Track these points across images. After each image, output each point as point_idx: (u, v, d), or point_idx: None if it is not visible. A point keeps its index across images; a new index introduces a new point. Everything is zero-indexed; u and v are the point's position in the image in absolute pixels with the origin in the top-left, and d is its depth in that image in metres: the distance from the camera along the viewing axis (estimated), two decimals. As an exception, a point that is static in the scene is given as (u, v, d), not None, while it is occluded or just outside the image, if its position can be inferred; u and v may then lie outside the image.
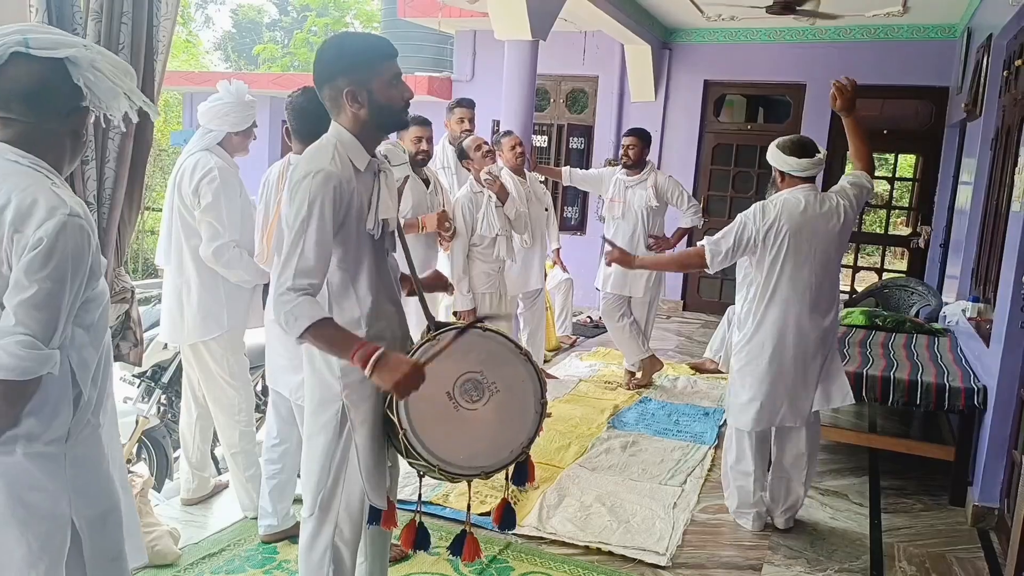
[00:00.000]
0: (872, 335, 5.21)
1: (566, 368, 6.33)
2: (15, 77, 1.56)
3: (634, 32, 7.94)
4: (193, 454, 3.59)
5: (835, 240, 3.51)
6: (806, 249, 3.44)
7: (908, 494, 4.17)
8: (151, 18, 2.47)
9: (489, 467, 2.13)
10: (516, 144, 5.06)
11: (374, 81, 2.06)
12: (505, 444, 2.13)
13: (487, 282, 4.47)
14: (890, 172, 10.45)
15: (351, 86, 2.04)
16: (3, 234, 1.52)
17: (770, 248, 3.45)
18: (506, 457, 2.14)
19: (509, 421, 2.13)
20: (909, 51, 8.07)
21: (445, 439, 2.05)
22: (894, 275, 8.43)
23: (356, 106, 2.06)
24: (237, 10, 30.10)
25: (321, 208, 1.96)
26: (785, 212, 3.45)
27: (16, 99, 1.57)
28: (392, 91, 2.09)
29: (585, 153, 9.45)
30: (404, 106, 2.13)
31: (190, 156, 3.26)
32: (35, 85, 1.58)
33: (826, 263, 3.49)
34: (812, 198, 3.49)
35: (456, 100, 5.29)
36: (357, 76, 2.05)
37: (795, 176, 3.52)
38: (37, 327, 1.51)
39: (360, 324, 2.09)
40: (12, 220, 1.52)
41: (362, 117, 2.08)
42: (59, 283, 1.52)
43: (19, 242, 1.52)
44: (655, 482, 4.12)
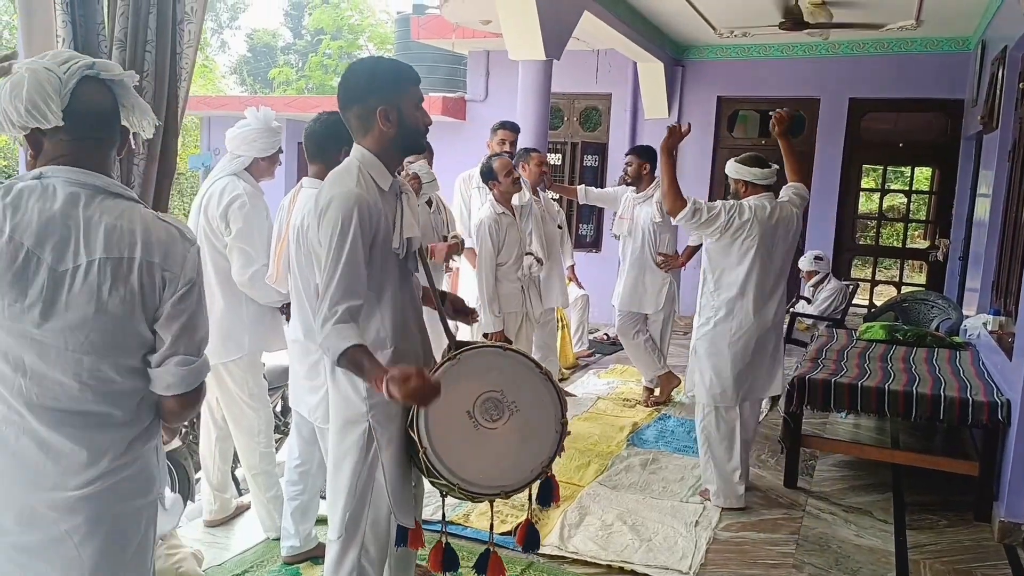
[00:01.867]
0: (893, 350, 5.17)
1: (584, 386, 6.32)
2: (90, 99, 1.60)
3: (646, 50, 7.98)
4: (214, 475, 3.61)
5: (791, 242, 4.07)
6: (770, 248, 3.94)
7: (933, 510, 4.12)
8: (174, 45, 2.52)
9: (510, 486, 2.13)
10: (543, 161, 5.19)
11: (405, 102, 2.12)
12: (526, 463, 2.13)
13: (513, 302, 4.51)
14: (907, 185, 10.41)
15: (384, 105, 2.09)
16: (154, 276, 1.59)
17: (740, 244, 3.90)
18: (527, 476, 2.14)
19: (529, 440, 2.13)
20: (923, 64, 8.07)
21: (465, 458, 2.06)
22: (913, 289, 8.39)
23: (387, 125, 2.10)
24: (252, 34, 30.46)
25: (354, 230, 2.00)
26: (757, 214, 3.90)
27: (95, 120, 1.62)
28: (419, 114, 2.16)
29: (599, 171, 9.48)
30: (425, 130, 2.19)
31: (217, 181, 3.29)
32: (109, 105, 1.63)
33: (783, 262, 4.03)
34: (774, 205, 4.00)
35: (500, 122, 5.30)
36: (390, 96, 2.10)
37: (757, 185, 4.02)
38: (192, 346, 1.67)
39: (386, 343, 2.11)
40: (160, 263, 1.60)
41: (389, 136, 2.11)
42: (201, 304, 1.69)
43: (172, 281, 1.62)
44: (676, 500, 4.09)
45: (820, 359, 4.78)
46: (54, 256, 1.54)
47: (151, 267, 1.60)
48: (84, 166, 1.59)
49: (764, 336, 3.97)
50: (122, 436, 1.64)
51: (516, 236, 4.43)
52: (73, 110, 1.57)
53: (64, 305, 1.55)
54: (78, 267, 1.55)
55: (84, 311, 1.55)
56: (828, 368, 4.54)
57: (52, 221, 1.54)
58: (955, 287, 7.51)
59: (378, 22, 22.93)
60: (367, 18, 22.55)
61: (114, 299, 1.57)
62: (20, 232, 1.52)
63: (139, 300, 1.60)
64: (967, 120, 7.60)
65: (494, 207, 4.40)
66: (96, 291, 1.56)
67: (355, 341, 1.97)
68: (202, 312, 1.69)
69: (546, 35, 5.63)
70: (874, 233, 9.73)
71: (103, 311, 1.57)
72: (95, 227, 1.56)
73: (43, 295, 1.53)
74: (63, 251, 1.55)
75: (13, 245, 1.51)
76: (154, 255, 1.60)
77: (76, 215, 1.56)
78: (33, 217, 1.53)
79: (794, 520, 3.92)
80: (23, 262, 1.52)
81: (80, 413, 1.58)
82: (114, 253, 1.57)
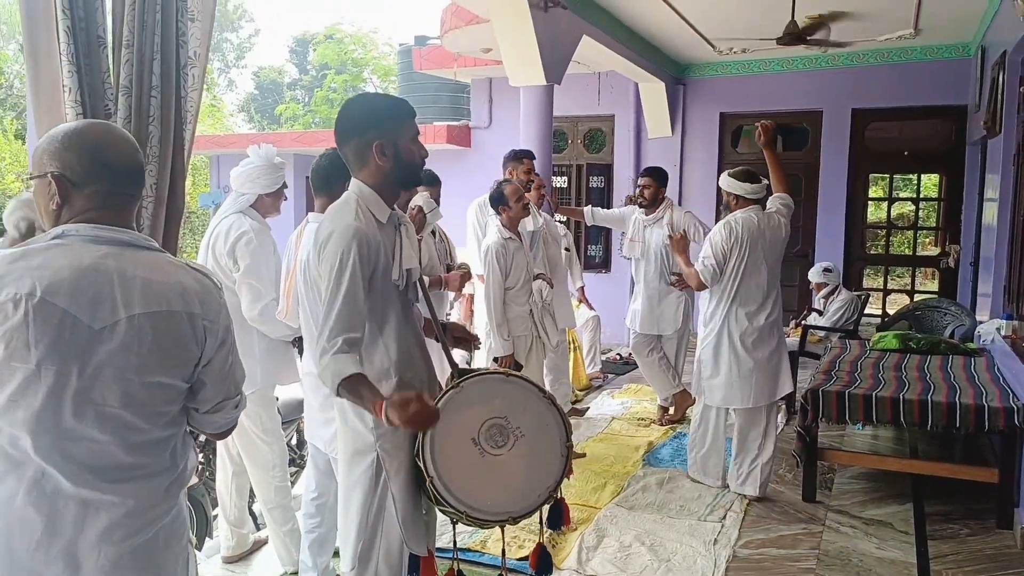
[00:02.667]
0: (907, 359, 5.15)
1: (598, 407, 6.31)
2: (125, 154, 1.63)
3: (647, 70, 8.05)
4: (231, 511, 3.62)
5: (780, 249, 4.38)
6: (760, 258, 4.24)
7: (954, 519, 4.09)
8: (179, 89, 2.57)
9: (517, 512, 2.13)
10: (541, 184, 5.27)
11: (400, 136, 2.15)
12: (532, 489, 2.14)
13: (522, 325, 4.52)
14: (914, 193, 10.39)
15: (380, 139, 2.13)
16: (196, 327, 1.62)
17: (733, 258, 4.23)
18: (534, 502, 2.15)
19: (535, 466, 2.14)
20: (924, 72, 8.09)
21: (472, 485, 2.07)
22: (926, 296, 8.35)
23: (383, 159, 2.13)
24: (259, 72, 30.87)
25: (353, 263, 2.02)
26: (745, 228, 4.23)
27: (129, 177, 1.64)
28: (415, 147, 2.19)
29: (605, 192, 9.52)
30: (421, 163, 2.22)
31: (224, 219, 3.35)
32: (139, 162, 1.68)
33: (773, 269, 4.32)
34: (763, 216, 4.31)
35: (523, 151, 5.28)
36: (386, 131, 2.13)
37: (747, 199, 4.31)
38: (237, 388, 1.77)
39: (390, 374, 2.13)
40: (201, 313, 1.63)
41: (385, 170, 2.15)
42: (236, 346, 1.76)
43: (211, 331, 1.65)
44: (694, 518, 4.07)
45: (833, 371, 4.76)
46: (90, 314, 1.51)
47: (193, 318, 1.61)
48: (108, 223, 1.59)
49: (760, 340, 4.26)
50: (160, 484, 1.63)
51: (523, 261, 4.45)
52: (109, 164, 1.59)
53: (102, 363, 1.52)
54: (117, 323, 1.53)
55: (123, 368, 1.54)
56: (842, 380, 4.52)
57: (84, 279, 1.51)
58: (968, 293, 7.47)
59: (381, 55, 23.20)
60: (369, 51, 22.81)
61: (154, 353, 1.57)
62: (52, 294, 1.49)
63: (180, 352, 1.60)
64: (971, 125, 7.59)
65: (501, 232, 4.43)
66: (136, 346, 1.54)
67: (354, 370, 1.98)
68: (236, 353, 1.75)
69: (546, 61, 5.69)
70: (884, 242, 9.69)
71: (143, 367, 1.56)
72: (130, 281, 1.55)
73: (80, 355, 1.51)
74: (99, 308, 1.52)
75: (47, 307, 1.48)
76: (194, 306, 1.61)
77: (109, 271, 1.54)
78: (64, 276, 1.50)
79: (814, 535, 3.89)
80: (59, 324, 1.49)
81: (118, 467, 1.57)
82: (153, 307, 1.56)
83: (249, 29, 32.83)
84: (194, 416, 1.72)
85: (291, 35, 36.08)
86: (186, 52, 2.59)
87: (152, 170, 2.50)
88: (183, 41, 2.56)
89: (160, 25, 2.47)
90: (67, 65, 2.25)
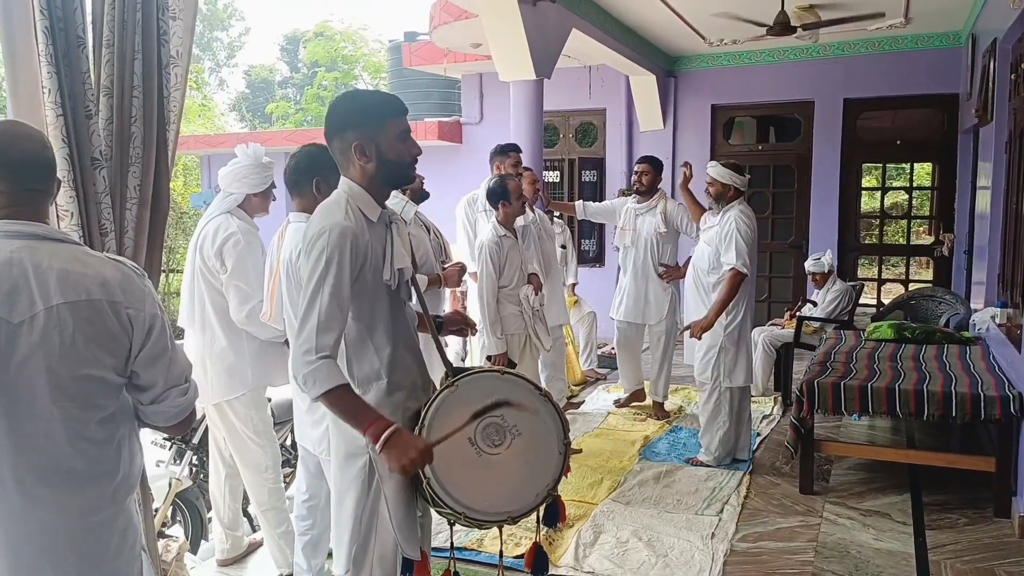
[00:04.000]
0: (902, 348, 5.13)
1: (593, 402, 6.29)
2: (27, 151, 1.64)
3: (638, 63, 8.01)
4: (225, 514, 3.60)
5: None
6: (757, 246, 4.62)
7: (952, 509, 4.08)
8: (161, 89, 2.53)
9: (515, 511, 2.10)
10: (535, 179, 5.29)
11: (382, 136, 2.10)
12: (530, 487, 2.11)
13: (516, 324, 4.49)
14: (908, 182, 10.38)
15: (359, 140, 2.09)
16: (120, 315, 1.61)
17: (754, 248, 4.53)
18: (532, 501, 2.12)
19: (533, 464, 2.11)
20: (916, 61, 8.07)
21: (469, 486, 2.04)
22: (920, 285, 8.34)
23: (364, 160, 2.10)
24: (249, 71, 30.75)
25: (339, 263, 1.99)
26: (754, 219, 4.58)
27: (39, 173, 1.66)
28: (399, 147, 2.13)
29: (598, 185, 9.49)
30: (411, 162, 2.17)
31: (211, 220, 3.32)
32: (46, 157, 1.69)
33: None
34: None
35: (508, 145, 5.29)
36: (366, 131, 2.09)
37: (740, 191, 4.61)
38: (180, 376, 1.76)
39: (380, 375, 2.10)
40: (123, 301, 1.62)
41: (370, 171, 2.11)
42: (171, 334, 1.75)
43: (137, 319, 1.64)
44: (691, 512, 4.06)
45: (828, 362, 4.75)
46: (7, 308, 1.52)
47: (115, 306, 1.60)
48: (20, 218, 1.60)
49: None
50: (104, 488, 1.62)
51: (518, 259, 4.42)
52: (13, 163, 1.60)
53: (25, 357, 1.52)
54: (35, 315, 1.53)
55: (47, 361, 1.53)
56: (837, 371, 4.50)
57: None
58: (962, 282, 7.46)
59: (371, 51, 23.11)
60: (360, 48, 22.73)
61: (78, 344, 1.56)
62: None
63: (107, 341, 1.60)
64: (963, 114, 7.58)
65: (496, 229, 4.40)
66: (58, 337, 1.54)
67: (340, 381, 1.95)
68: (173, 341, 1.73)
69: (535, 55, 5.65)
70: (878, 232, 9.68)
71: (69, 359, 1.55)
72: (46, 273, 1.55)
73: (1, 350, 1.51)
74: (16, 302, 1.53)
75: None
76: (116, 295, 1.61)
77: (23, 264, 1.54)
78: None
79: (811, 527, 3.88)
80: None
81: (57, 469, 1.56)
82: (71, 297, 1.56)
83: (239, 28, 32.73)
84: (140, 410, 1.72)
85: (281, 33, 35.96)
86: (168, 51, 2.54)
87: (135, 171, 2.46)
88: (164, 40, 2.51)
89: (141, 24, 2.43)
90: (46, 66, 2.21)
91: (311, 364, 1.94)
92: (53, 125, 2.24)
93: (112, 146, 2.42)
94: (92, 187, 2.33)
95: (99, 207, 2.36)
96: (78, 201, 2.29)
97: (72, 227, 2.29)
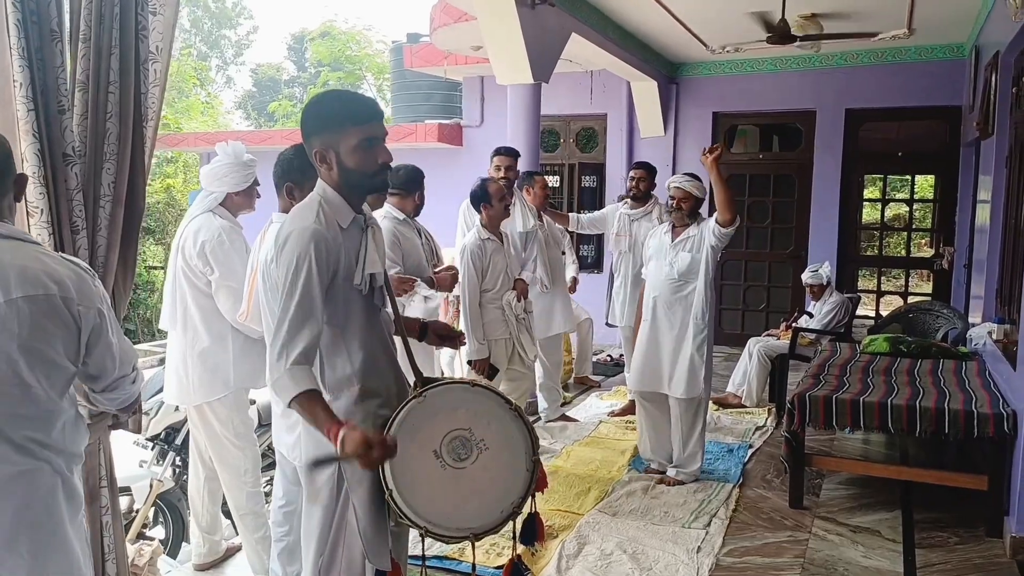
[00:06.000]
0: (897, 362, 5.07)
1: (586, 409, 6.23)
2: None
3: (639, 69, 7.96)
4: (203, 517, 3.55)
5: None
6: None
7: (943, 527, 4.01)
8: (138, 85, 2.48)
9: (479, 529, 2.04)
10: (546, 184, 5.48)
11: (341, 144, 2.05)
12: (495, 504, 2.05)
13: (499, 329, 4.42)
14: (909, 194, 10.31)
15: (319, 147, 2.05)
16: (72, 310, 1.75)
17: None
18: (497, 517, 2.06)
19: (499, 480, 2.05)
20: (919, 72, 8.02)
21: (431, 500, 1.99)
22: (919, 299, 8.27)
23: (325, 167, 2.06)
24: (256, 69, 30.75)
25: (309, 266, 1.94)
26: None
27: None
28: (360, 155, 2.06)
29: (598, 191, 9.44)
30: (377, 170, 2.09)
31: (193, 220, 3.28)
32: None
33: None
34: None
35: (496, 148, 5.28)
36: (326, 138, 2.05)
37: (701, 201, 4.55)
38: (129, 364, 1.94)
39: (352, 381, 2.05)
40: (76, 298, 1.75)
41: (334, 178, 2.07)
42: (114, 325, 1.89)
43: (86, 316, 1.78)
44: (678, 525, 3.99)
45: (822, 375, 4.69)
46: None
47: (68, 302, 1.73)
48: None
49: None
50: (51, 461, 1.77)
51: (502, 263, 4.36)
52: None
53: None
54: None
55: (7, 348, 1.66)
56: (830, 384, 4.45)
57: None
58: (962, 296, 7.40)
59: (376, 52, 23.07)
60: (364, 48, 22.69)
61: (36, 333, 1.69)
62: None
63: (62, 332, 1.73)
64: (965, 126, 7.52)
65: (479, 232, 4.35)
66: (17, 327, 1.66)
67: (307, 386, 1.91)
68: (119, 333, 1.90)
69: (533, 58, 5.60)
70: (878, 243, 9.62)
71: (27, 347, 1.68)
72: (7, 269, 1.68)
73: None
74: None
75: None
76: (69, 292, 1.74)
77: None
78: None
79: (799, 543, 3.82)
80: None
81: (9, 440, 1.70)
82: (30, 291, 1.68)
83: (247, 26, 32.71)
84: (93, 397, 1.92)
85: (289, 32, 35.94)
86: (147, 46, 2.49)
87: (110, 168, 2.41)
88: (143, 35, 2.46)
89: (119, 18, 2.38)
90: (18, 60, 2.16)
91: (280, 370, 1.90)
92: (24, 120, 2.19)
93: (86, 142, 2.37)
94: (63, 183, 2.28)
95: (71, 204, 2.31)
96: (48, 197, 2.24)
97: (42, 224, 2.25)
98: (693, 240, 4.46)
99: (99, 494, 2.47)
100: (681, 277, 4.45)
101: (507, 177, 5.09)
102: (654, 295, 4.55)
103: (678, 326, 4.47)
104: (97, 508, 2.46)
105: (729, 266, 9.07)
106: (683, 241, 4.48)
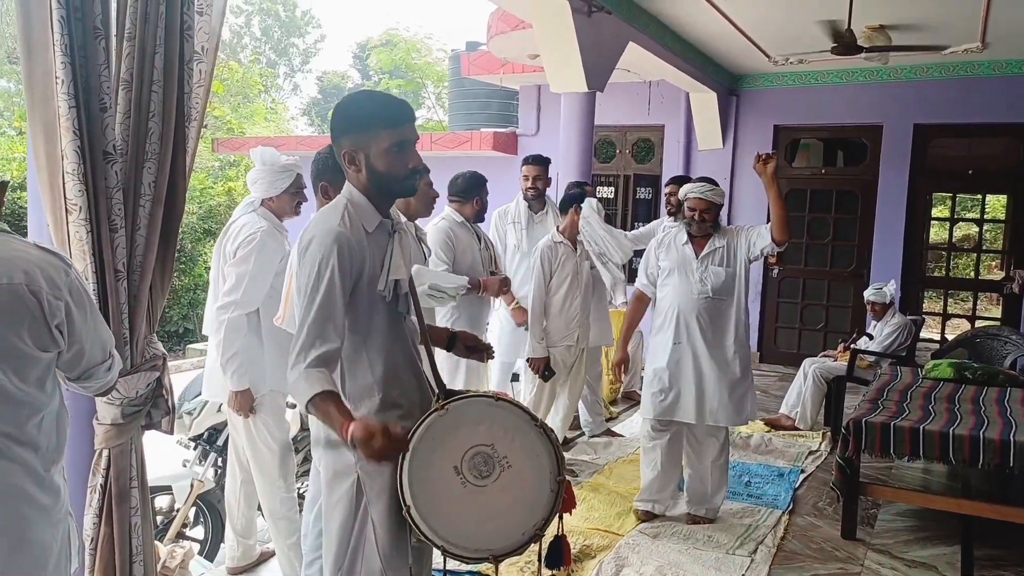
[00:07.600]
0: (961, 389, 4.83)
1: (632, 425, 6.09)
2: None
3: (699, 80, 7.81)
4: (238, 520, 3.53)
5: None
6: None
7: (1005, 565, 3.79)
8: (182, 85, 2.47)
9: (499, 550, 1.96)
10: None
11: (372, 146, 2.00)
12: (517, 526, 1.96)
13: (563, 332, 4.56)
14: (979, 214, 9.91)
15: (349, 148, 2.00)
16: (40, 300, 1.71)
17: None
18: (518, 540, 1.97)
19: (521, 500, 1.96)
20: (992, 87, 7.70)
21: (451, 518, 1.91)
22: (987, 323, 7.92)
23: (353, 168, 2.01)
24: (322, 77, 31.32)
25: (331, 270, 1.90)
26: None
27: None
28: (391, 159, 2.01)
29: (652, 203, 9.30)
30: (407, 174, 2.04)
31: (237, 219, 3.30)
32: None
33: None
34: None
35: (525, 157, 5.32)
36: (356, 139, 2.00)
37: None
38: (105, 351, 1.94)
39: (373, 390, 1.99)
40: (46, 288, 1.72)
41: (362, 180, 2.02)
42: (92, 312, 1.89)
43: (56, 305, 1.74)
44: (722, 551, 3.85)
45: (880, 400, 4.49)
46: None
47: (37, 293, 1.70)
48: None
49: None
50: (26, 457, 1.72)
51: (572, 267, 4.56)
52: None
53: None
54: None
55: None
56: (888, 410, 4.24)
57: None
58: (1033, 321, 7.06)
59: (435, 60, 23.24)
60: (424, 56, 22.87)
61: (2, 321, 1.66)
62: None
63: (29, 322, 1.69)
64: (1041, 145, 7.19)
65: (554, 236, 4.61)
66: None
67: (324, 387, 1.85)
68: (96, 319, 1.89)
69: (588, 67, 5.52)
70: (945, 264, 9.26)
71: None
72: None
73: None
74: None
75: None
76: (38, 282, 1.70)
77: None
78: None
79: (850, 576, 3.65)
80: None
81: None
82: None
83: (315, 35, 33.33)
84: (70, 384, 1.91)
85: (355, 41, 36.49)
86: (192, 46, 2.49)
87: (151, 167, 2.40)
88: (188, 35, 2.46)
89: (164, 17, 2.38)
90: (60, 56, 2.16)
91: (297, 373, 1.85)
92: (65, 116, 2.19)
93: (128, 141, 2.37)
94: (103, 181, 2.28)
95: (110, 202, 2.31)
96: (87, 195, 2.24)
97: (80, 221, 2.25)
98: (721, 252, 4.13)
99: (129, 495, 2.45)
100: (716, 293, 4.08)
101: (535, 187, 5.14)
102: (680, 314, 4.12)
103: (718, 346, 4.09)
104: (126, 508, 2.45)
105: (787, 283, 8.83)
106: (710, 254, 4.13)
